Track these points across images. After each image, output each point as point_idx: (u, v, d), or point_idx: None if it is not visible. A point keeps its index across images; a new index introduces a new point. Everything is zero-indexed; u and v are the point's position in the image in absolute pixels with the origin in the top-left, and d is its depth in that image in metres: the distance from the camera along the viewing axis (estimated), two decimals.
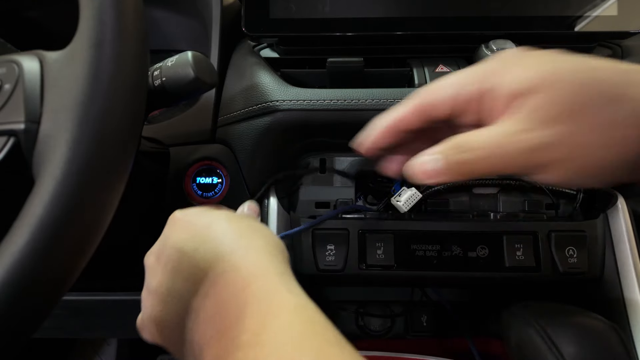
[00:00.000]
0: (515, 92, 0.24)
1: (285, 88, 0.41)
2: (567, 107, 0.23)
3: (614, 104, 0.22)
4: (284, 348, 0.20)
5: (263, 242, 0.28)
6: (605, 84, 0.23)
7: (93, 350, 0.81)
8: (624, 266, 0.40)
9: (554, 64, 0.24)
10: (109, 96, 0.24)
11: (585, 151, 0.23)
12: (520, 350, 0.36)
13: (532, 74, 0.24)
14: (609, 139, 0.23)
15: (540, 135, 0.23)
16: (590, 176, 0.23)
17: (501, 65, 0.25)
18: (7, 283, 0.20)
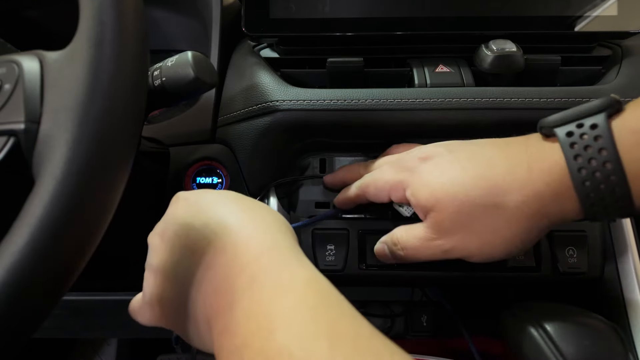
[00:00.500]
0: (424, 209, 0.32)
1: (285, 88, 0.41)
2: (456, 221, 0.30)
3: (492, 215, 0.29)
4: (297, 319, 0.20)
5: (272, 218, 0.28)
6: (481, 199, 0.29)
7: (93, 350, 0.81)
8: (624, 266, 0.40)
9: (444, 184, 0.30)
10: (109, 96, 0.24)
11: (479, 251, 0.31)
12: (520, 350, 0.36)
13: (428, 196, 0.31)
14: (493, 242, 0.30)
15: (444, 243, 0.31)
16: (496, 258, 0.31)
17: (416, 181, 0.32)
18: (7, 283, 0.20)
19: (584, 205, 0.28)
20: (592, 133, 0.27)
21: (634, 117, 0.26)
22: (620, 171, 0.26)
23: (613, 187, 0.26)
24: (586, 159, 0.27)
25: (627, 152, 0.26)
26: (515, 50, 0.41)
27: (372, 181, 0.36)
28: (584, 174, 0.27)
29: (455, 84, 0.42)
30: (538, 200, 0.28)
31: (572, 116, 0.28)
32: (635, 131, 0.26)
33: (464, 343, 0.46)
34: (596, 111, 0.28)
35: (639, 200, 0.27)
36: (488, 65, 0.41)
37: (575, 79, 0.44)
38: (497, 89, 0.40)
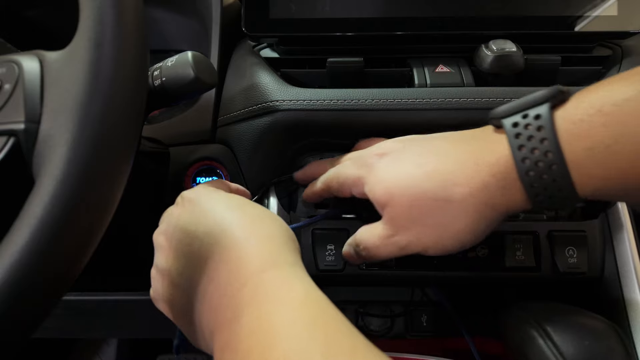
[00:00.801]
0: (380, 205, 0.32)
1: (285, 88, 0.41)
2: (410, 216, 0.31)
3: (442, 209, 0.30)
4: (294, 337, 0.20)
5: (276, 231, 0.28)
6: (432, 193, 0.30)
7: (93, 350, 0.81)
8: (624, 266, 0.40)
9: (398, 180, 0.31)
10: (109, 96, 0.24)
11: (433, 244, 0.31)
12: (520, 350, 0.36)
13: (383, 192, 0.31)
14: (445, 235, 0.30)
15: (400, 239, 0.32)
16: (450, 251, 0.31)
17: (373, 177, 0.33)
18: (7, 283, 0.20)
19: (530, 195, 0.28)
20: (535, 123, 0.27)
21: (575, 107, 0.27)
22: (562, 161, 0.26)
23: (555, 176, 0.27)
24: (529, 149, 0.27)
25: (568, 142, 0.26)
26: (515, 50, 0.41)
27: (334, 176, 0.36)
28: (528, 164, 0.27)
29: (455, 84, 0.42)
30: (484, 192, 0.29)
31: (519, 107, 0.29)
32: (575, 122, 0.26)
33: (464, 343, 0.46)
34: (541, 101, 0.28)
35: (583, 189, 0.27)
36: (488, 65, 0.41)
37: (575, 79, 0.44)
38: (497, 89, 0.40)
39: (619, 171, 0.26)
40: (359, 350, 0.20)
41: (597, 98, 0.26)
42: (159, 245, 0.30)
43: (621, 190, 0.27)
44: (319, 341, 0.20)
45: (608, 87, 0.26)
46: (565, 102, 0.28)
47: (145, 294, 0.37)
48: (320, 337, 0.20)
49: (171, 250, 0.29)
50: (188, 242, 0.28)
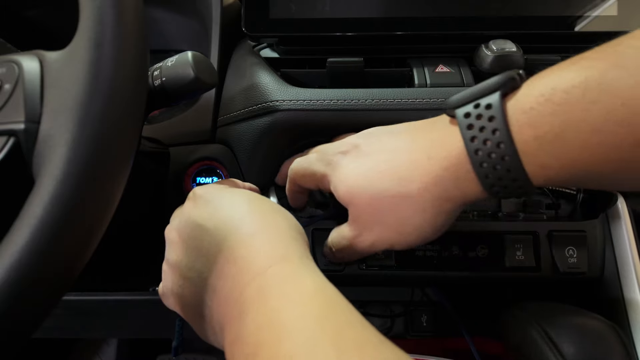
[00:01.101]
0: (344, 203, 0.32)
1: (285, 88, 0.41)
2: (370, 215, 0.31)
3: (400, 205, 0.30)
4: (304, 329, 0.20)
5: (285, 224, 0.28)
6: (388, 191, 0.30)
7: (93, 350, 0.81)
8: (624, 266, 0.40)
9: (356, 179, 0.31)
10: (109, 96, 0.24)
11: (397, 241, 0.31)
12: (520, 350, 0.36)
13: (345, 192, 0.32)
14: (406, 231, 0.31)
15: (366, 238, 0.32)
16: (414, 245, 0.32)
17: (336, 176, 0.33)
18: (7, 283, 0.20)
19: (485, 186, 0.28)
20: (487, 113, 0.27)
21: (526, 95, 0.26)
22: (513, 151, 0.26)
23: (508, 167, 0.26)
24: (482, 140, 0.27)
25: (519, 132, 0.26)
26: (515, 50, 0.41)
27: (301, 170, 0.36)
28: (481, 155, 0.27)
29: (455, 84, 0.42)
30: (439, 186, 0.29)
31: (471, 96, 0.28)
32: (525, 111, 0.26)
33: (464, 343, 0.46)
34: (492, 90, 0.27)
35: (537, 178, 0.27)
36: (488, 65, 0.41)
37: None
38: None
39: (569, 160, 0.25)
40: (370, 342, 0.20)
41: (547, 85, 0.26)
42: (171, 240, 0.31)
43: (573, 178, 0.26)
44: (328, 334, 0.20)
45: (558, 72, 0.26)
46: (517, 90, 0.27)
47: (145, 294, 0.37)
48: (330, 330, 0.20)
49: (182, 245, 0.29)
50: (199, 236, 0.28)
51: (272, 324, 0.21)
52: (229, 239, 0.27)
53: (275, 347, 0.20)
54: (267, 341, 0.21)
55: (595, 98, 0.24)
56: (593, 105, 0.24)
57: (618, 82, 0.23)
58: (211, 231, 0.28)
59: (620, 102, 0.23)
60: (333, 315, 0.21)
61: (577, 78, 0.25)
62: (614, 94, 0.23)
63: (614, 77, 0.24)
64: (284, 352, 0.20)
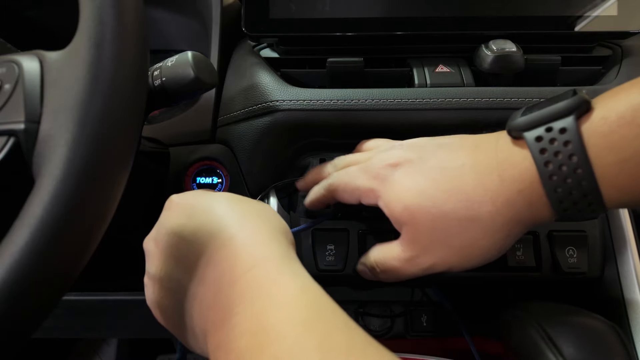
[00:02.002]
0: (398, 222, 0.31)
1: (285, 88, 0.41)
2: (432, 238, 0.30)
3: (467, 228, 0.29)
4: (289, 334, 0.20)
5: (266, 225, 0.27)
6: (456, 213, 0.28)
7: (93, 350, 0.81)
8: (624, 266, 0.40)
9: (416, 198, 0.30)
10: (109, 96, 0.24)
11: (458, 263, 0.30)
12: (520, 350, 0.36)
13: (402, 211, 0.30)
14: (471, 254, 0.30)
15: (423, 261, 0.31)
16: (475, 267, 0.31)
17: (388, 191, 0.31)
18: (7, 283, 0.20)
19: (557, 210, 0.27)
20: (561, 138, 0.26)
21: (602, 119, 0.26)
22: (591, 176, 0.25)
23: (585, 192, 0.26)
24: (557, 165, 0.26)
25: (597, 157, 0.25)
26: (515, 50, 0.41)
27: (341, 184, 0.34)
28: (555, 180, 0.26)
29: (455, 84, 0.42)
30: (511, 209, 0.28)
31: (541, 119, 0.27)
32: (604, 135, 0.25)
33: (464, 343, 0.46)
34: (565, 113, 0.27)
35: (611, 201, 0.26)
36: (488, 65, 0.41)
37: (575, 79, 0.44)
38: (497, 89, 0.40)
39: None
40: (356, 345, 0.20)
41: (627, 106, 0.25)
42: (149, 251, 0.30)
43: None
44: (314, 338, 0.19)
45: (635, 93, 0.25)
46: (590, 112, 0.26)
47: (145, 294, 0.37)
48: (316, 334, 0.20)
49: (160, 255, 0.28)
50: (176, 244, 0.27)
51: (256, 329, 0.21)
52: (207, 244, 0.26)
53: (261, 353, 0.20)
54: (252, 347, 0.20)
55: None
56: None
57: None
58: (188, 238, 0.27)
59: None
60: (318, 318, 0.21)
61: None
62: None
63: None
64: (269, 356, 0.19)
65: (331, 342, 0.19)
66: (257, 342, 0.20)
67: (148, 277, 0.29)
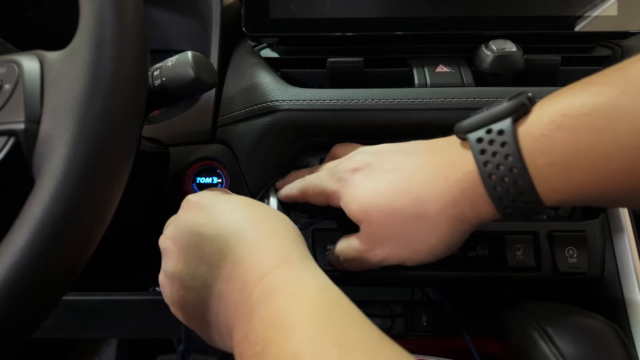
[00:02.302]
0: (356, 220, 0.33)
1: (285, 88, 0.41)
2: (384, 233, 0.31)
3: (415, 225, 0.30)
4: (309, 328, 0.21)
5: (284, 228, 0.29)
6: (404, 211, 0.30)
7: (93, 350, 0.81)
8: (624, 266, 0.40)
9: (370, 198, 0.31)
10: (109, 96, 0.24)
11: (409, 258, 0.32)
12: (520, 350, 0.36)
13: (358, 210, 0.32)
14: (420, 250, 0.31)
15: (377, 253, 0.33)
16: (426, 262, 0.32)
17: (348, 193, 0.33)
18: (7, 283, 0.20)
19: (498, 208, 0.28)
20: (499, 139, 0.27)
21: (537, 121, 0.27)
22: (527, 176, 0.26)
23: (521, 191, 0.27)
24: (495, 165, 0.27)
25: (530, 158, 0.26)
26: (515, 50, 0.41)
27: (311, 186, 0.37)
28: (494, 179, 0.27)
29: (455, 84, 0.42)
30: (455, 208, 0.29)
31: (482, 122, 0.29)
32: (537, 137, 0.26)
33: (464, 343, 0.46)
34: (503, 116, 0.28)
35: (549, 201, 0.27)
36: (488, 65, 0.41)
37: (575, 79, 0.44)
38: (497, 88, 0.40)
39: (581, 185, 0.26)
40: (372, 340, 0.21)
41: (558, 111, 0.26)
42: (167, 249, 0.31)
43: (586, 200, 0.27)
44: (332, 333, 0.21)
45: (567, 98, 0.26)
46: (528, 115, 0.27)
47: (145, 294, 0.37)
48: (334, 329, 0.21)
49: (180, 254, 0.29)
50: (199, 244, 0.28)
51: (279, 323, 0.22)
52: (231, 244, 0.27)
53: (281, 345, 0.21)
54: (274, 339, 0.22)
55: (604, 125, 0.24)
56: (603, 132, 0.24)
57: (627, 108, 0.23)
58: (211, 238, 0.28)
59: (629, 129, 0.23)
60: (337, 314, 0.22)
61: (586, 105, 0.25)
62: (623, 121, 0.23)
63: (623, 103, 0.24)
64: (290, 350, 0.21)
65: (348, 337, 0.21)
66: (280, 335, 0.22)
67: (165, 275, 0.30)
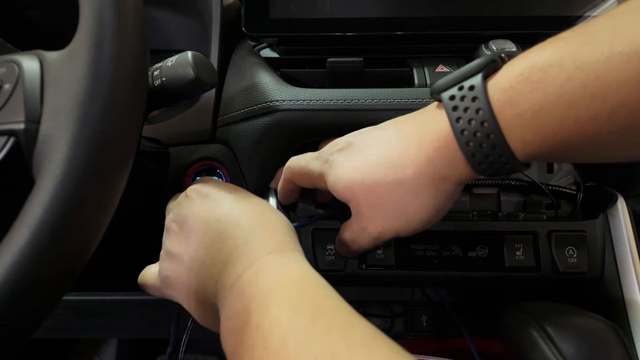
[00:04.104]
0: (344, 200, 0.33)
1: (285, 88, 0.41)
2: (371, 206, 0.32)
3: (397, 192, 0.30)
4: (286, 299, 0.24)
5: (280, 221, 0.31)
6: (383, 180, 0.30)
7: (93, 350, 0.81)
8: (624, 266, 0.40)
9: (353, 174, 0.32)
10: (109, 96, 0.24)
11: (401, 227, 0.32)
12: (520, 350, 0.36)
13: (343, 188, 0.32)
14: (409, 215, 0.31)
15: (372, 229, 0.33)
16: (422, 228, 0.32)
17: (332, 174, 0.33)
18: (7, 283, 0.20)
19: (472, 164, 0.29)
20: (470, 94, 0.28)
21: (506, 75, 0.27)
22: (497, 129, 0.27)
23: (494, 145, 0.27)
24: (466, 120, 0.28)
25: (500, 110, 0.27)
26: (515, 51, 0.41)
27: (298, 168, 0.37)
28: (466, 134, 0.28)
29: None
30: (432, 168, 0.29)
31: (455, 79, 0.29)
32: (506, 90, 0.27)
33: (464, 343, 0.46)
34: (475, 72, 0.28)
35: (521, 154, 0.28)
36: None
37: None
38: None
39: (549, 135, 0.26)
40: (340, 311, 0.24)
41: (525, 64, 0.27)
42: (170, 229, 0.33)
43: (555, 152, 0.27)
44: (308, 303, 0.24)
45: (536, 52, 0.27)
46: (498, 71, 0.28)
47: (145, 294, 0.37)
48: (309, 300, 0.24)
49: (183, 235, 0.31)
50: (202, 229, 0.30)
51: (262, 297, 0.25)
52: (230, 229, 0.30)
53: (262, 313, 0.24)
54: (257, 309, 0.24)
55: (570, 74, 0.25)
56: (568, 81, 0.25)
57: (591, 57, 0.24)
58: (213, 223, 0.30)
59: (593, 77, 0.24)
60: (313, 290, 0.25)
61: (553, 57, 0.26)
62: (588, 70, 0.24)
63: (587, 53, 0.24)
64: (269, 315, 0.23)
65: (320, 307, 0.24)
66: (262, 305, 0.24)
67: (166, 253, 0.32)
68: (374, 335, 0.22)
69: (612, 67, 0.23)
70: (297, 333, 0.22)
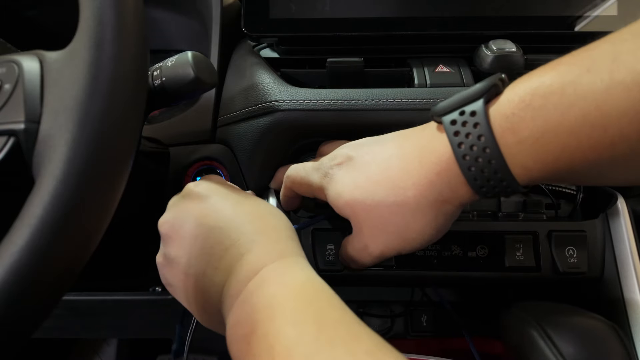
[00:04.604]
0: (344, 216, 0.33)
1: (285, 88, 0.41)
2: (371, 226, 0.32)
3: (398, 213, 0.31)
4: (291, 309, 0.24)
5: (281, 225, 0.31)
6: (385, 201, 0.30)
7: (93, 350, 0.81)
8: (624, 266, 0.40)
9: (353, 192, 0.32)
10: (109, 96, 0.24)
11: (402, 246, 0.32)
12: (520, 350, 0.36)
13: (344, 205, 0.32)
14: (409, 237, 0.31)
15: (372, 249, 0.33)
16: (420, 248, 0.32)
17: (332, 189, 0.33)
18: (7, 283, 0.20)
19: (474, 188, 0.29)
20: (472, 120, 0.28)
21: (508, 101, 0.27)
22: (499, 156, 0.27)
23: (495, 170, 0.28)
24: (468, 145, 0.28)
25: (502, 137, 0.27)
26: (515, 50, 0.41)
27: (298, 178, 0.37)
28: (468, 159, 0.28)
29: (455, 84, 0.42)
30: (434, 191, 0.30)
31: (456, 104, 0.29)
32: (507, 116, 0.27)
33: (464, 343, 0.46)
34: (476, 97, 0.28)
35: (522, 179, 0.28)
36: (488, 65, 0.41)
37: None
38: None
39: (550, 162, 0.26)
40: (345, 321, 0.23)
41: (528, 90, 0.26)
42: (167, 234, 0.32)
43: (556, 177, 0.28)
44: (312, 313, 0.24)
45: (537, 77, 0.27)
46: (499, 96, 0.28)
47: (145, 294, 0.37)
48: (314, 310, 0.24)
49: (181, 241, 0.31)
50: (200, 234, 0.30)
51: (267, 306, 0.25)
52: (232, 237, 0.29)
53: (268, 324, 0.24)
54: (262, 320, 0.24)
55: (571, 102, 0.25)
56: (569, 109, 0.25)
57: (592, 86, 0.24)
58: (214, 229, 0.30)
59: (594, 106, 0.24)
60: (318, 299, 0.25)
61: (554, 84, 0.25)
62: (588, 98, 0.24)
63: (588, 81, 0.24)
64: (275, 327, 0.23)
65: (325, 318, 0.24)
66: (267, 316, 0.24)
67: (164, 258, 0.32)
68: (379, 345, 0.22)
69: (613, 96, 0.23)
70: (303, 344, 0.22)
